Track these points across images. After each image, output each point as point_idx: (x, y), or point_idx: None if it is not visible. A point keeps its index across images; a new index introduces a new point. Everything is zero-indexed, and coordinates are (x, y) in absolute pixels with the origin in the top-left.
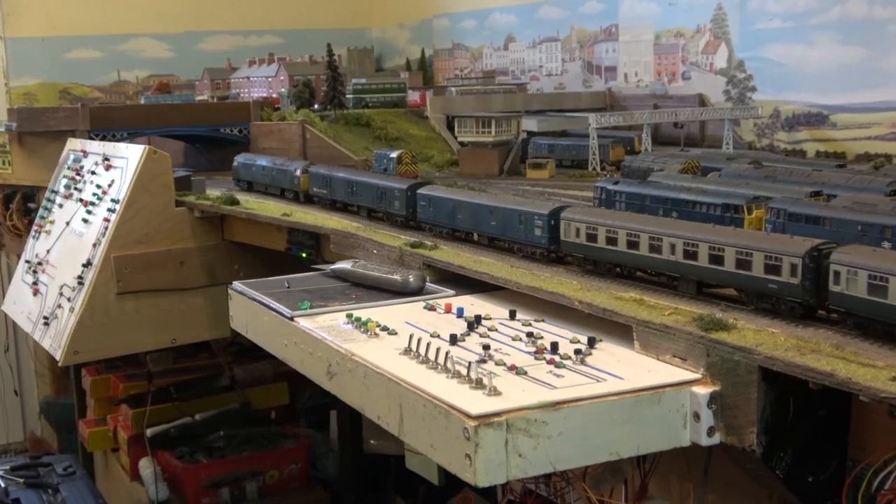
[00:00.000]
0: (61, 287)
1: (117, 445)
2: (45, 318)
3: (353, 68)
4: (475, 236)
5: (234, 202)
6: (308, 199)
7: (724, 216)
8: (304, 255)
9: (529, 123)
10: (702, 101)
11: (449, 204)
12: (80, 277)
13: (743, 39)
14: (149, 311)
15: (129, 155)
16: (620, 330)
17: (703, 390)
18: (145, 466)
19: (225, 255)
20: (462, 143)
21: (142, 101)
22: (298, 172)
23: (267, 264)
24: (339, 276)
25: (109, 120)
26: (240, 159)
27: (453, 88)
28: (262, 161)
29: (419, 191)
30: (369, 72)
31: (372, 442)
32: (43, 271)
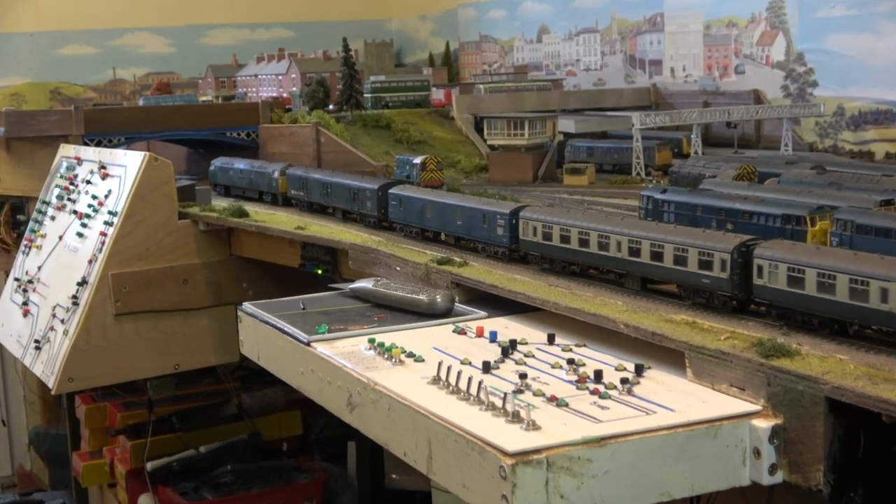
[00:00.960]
0: (54, 307)
1: (114, 480)
2: (37, 341)
3: (370, 64)
4: (442, 236)
5: (243, 214)
6: (287, 202)
7: (785, 228)
8: (319, 271)
9: (566, 124)
10: (757, 97)
11: (418, 204)
12: (74, 297)
13: (803, 29)
14: (150, 334)
15: (128, 162)
16: (671, 356)
17: (763, 424)
18: None
19: (233, 272)
20: (492, 147)
21: (140, 103)
22: (277, 175)
23: (279, 282)
24: (360, 295)
25: (105, 123)
26: (216, 163)
27: (481, 86)
28: (240, 164)
29: (390, 191)
30: (389, 68)
31: (395, 477)
32: (34, 290)
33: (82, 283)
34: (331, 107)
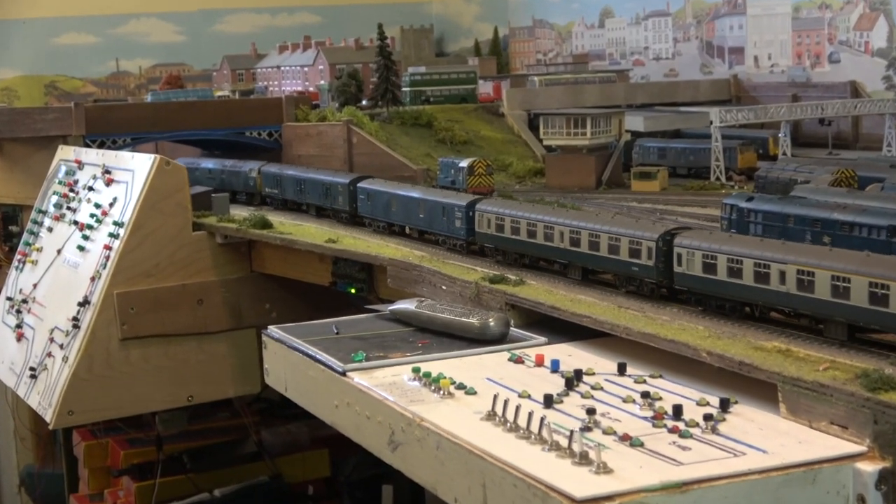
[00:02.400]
0: (52, 331)
1: None
2: (32, 369)
3: (408, 53)
4: (407, 230)
5: (266, 225)
6: (263, 201)
7: (892, 241)
8: (353, 291)
9: (634, 122)
10: (854, 90)
11: (384, 197)
12: (75, 319)
13: None
14: (159, 362)
15: (136, 166)
16: (762, 389)
17: (869, 467)
18: None
19: (253, 292)
20: (548, 148)
21: (147, 98)
22: (254, 173)
23: (306, 303)
24: (401, 318)
25: (109, 122)
26: (180, 162)
27: (536, 78)
28: (208, 164)
29: (359, 185)
30: (429, 58)
31: None
32: (29, 311)
33: (84, 303)
34: (364, 102)
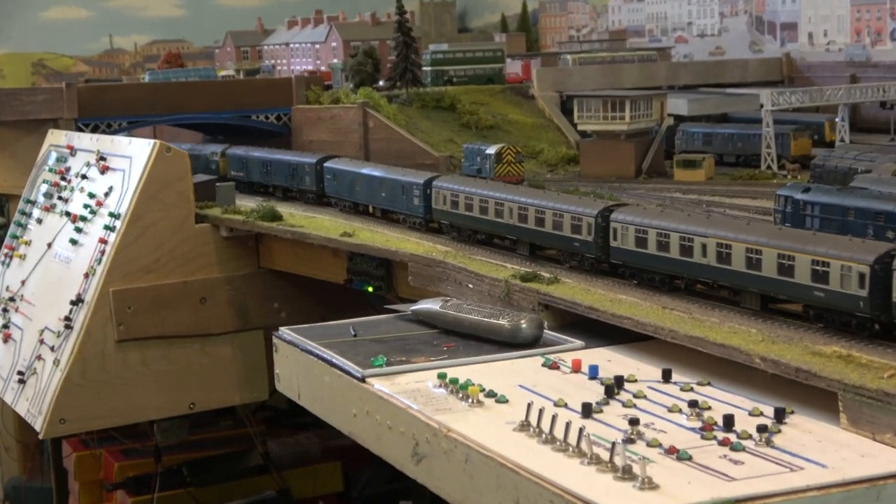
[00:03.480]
0: (42, 332)
1: None
2: (20, 373)
3: (428, 29)
4: (371, 209)
5: (276, 217)
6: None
7: None
8: (370, 289)
9: (677, 104)
10: None
11: (349, 177)
12: (67, 319)
13: None
14: (159, 365)
15: (133, 153)
16: (820, 398)
17: None
18: None
19: (261, 289)
20: (583, 133)
21: (145, 78)
22: (216, 157)
23: (318, 302)
24: (424, 319)
25: (103, 104)
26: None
27: (569, 56)
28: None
29: (325, 165)
30: (451, 34)
31: None
32: (16, 310)
33: (77, 301)
34: (381, 83)
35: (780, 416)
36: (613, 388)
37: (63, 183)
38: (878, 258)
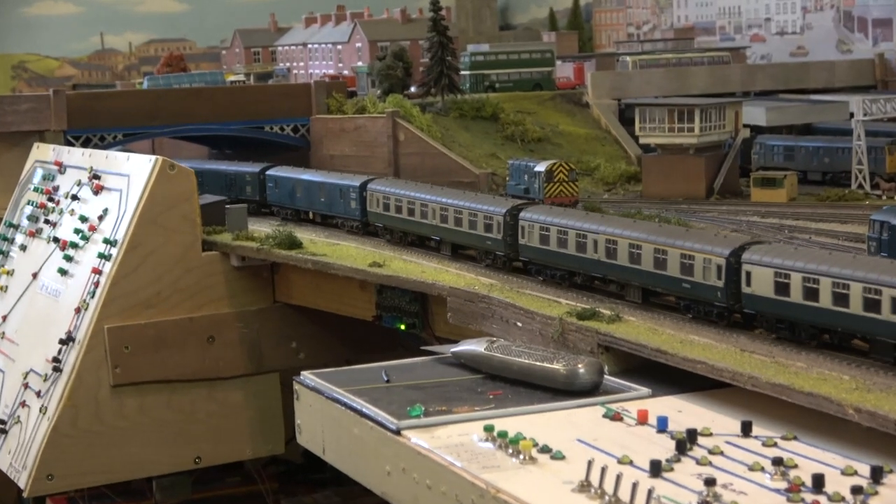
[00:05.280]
0: (27, 375)
1: None
2: (2, 422)
3: (466, 27)
4: (311, 215)
5: (295, 244)
6: None
7: None
8: (402, 326)
9: (754, 114)
10: None
11: (289, 183)
12: (55, 360)
13: None
14: (160, 414)
15: (132, 170)
16: None
17: None
18: None
19: (277, 327)
20: (646, 147)
21: (143, 84)
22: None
23: (343, 342)
24: (467, 363)
25: (96, 114)
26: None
27: (628, 58)
28: None
29: (268, 172)
30: (492, 33)
31: None
32: None
33: (67, 340)
34: (413, 89)
35: (876, 475)
36: (685, 442)
37: (51, 204)
38: (733, 251)
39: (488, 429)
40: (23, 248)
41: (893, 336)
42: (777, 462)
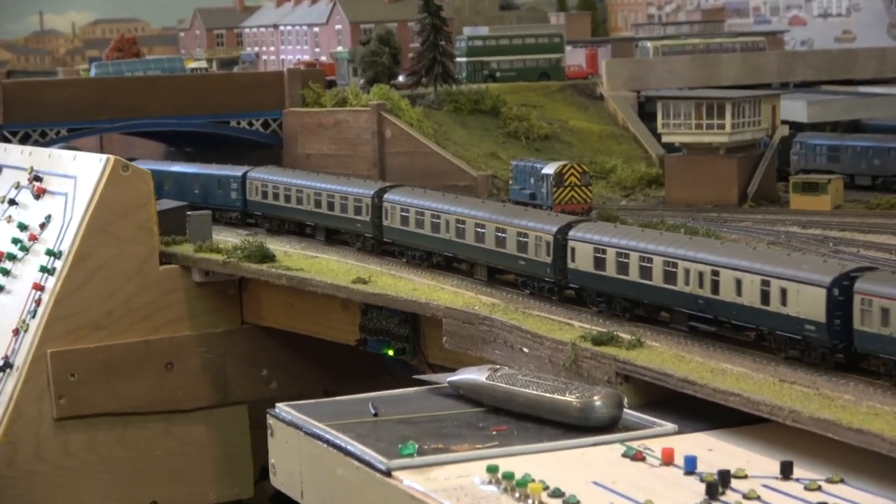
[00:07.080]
0: None
1: None
2: None
3: (460, 5)
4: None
5: (267, 256)
6: None
7: None
8: (390, 352)
9: (793, 108)
10: None
11: (157, 178)
12: None
13: None
14: (111, 451)
15: (79, 171)
16: None
17: None
18: None
19: (245, 352)
20: (669, 147)
21: (90, 72)
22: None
23: (320, 368)
24: (466, 394)
25: (35, 105)
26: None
27: (649, 43)
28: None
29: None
30: (492, 14)
31: None
32: None
33: (3, 366)
34: (401, 79)
35: None
36: (717, 486)
37: None
38: (559, 228)
39: (491, 469)
40: None
41: (688, 306)
42: None
